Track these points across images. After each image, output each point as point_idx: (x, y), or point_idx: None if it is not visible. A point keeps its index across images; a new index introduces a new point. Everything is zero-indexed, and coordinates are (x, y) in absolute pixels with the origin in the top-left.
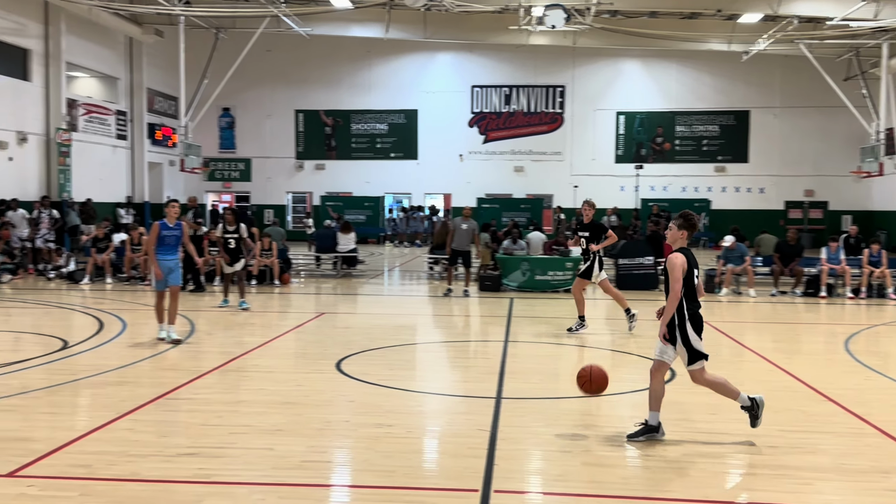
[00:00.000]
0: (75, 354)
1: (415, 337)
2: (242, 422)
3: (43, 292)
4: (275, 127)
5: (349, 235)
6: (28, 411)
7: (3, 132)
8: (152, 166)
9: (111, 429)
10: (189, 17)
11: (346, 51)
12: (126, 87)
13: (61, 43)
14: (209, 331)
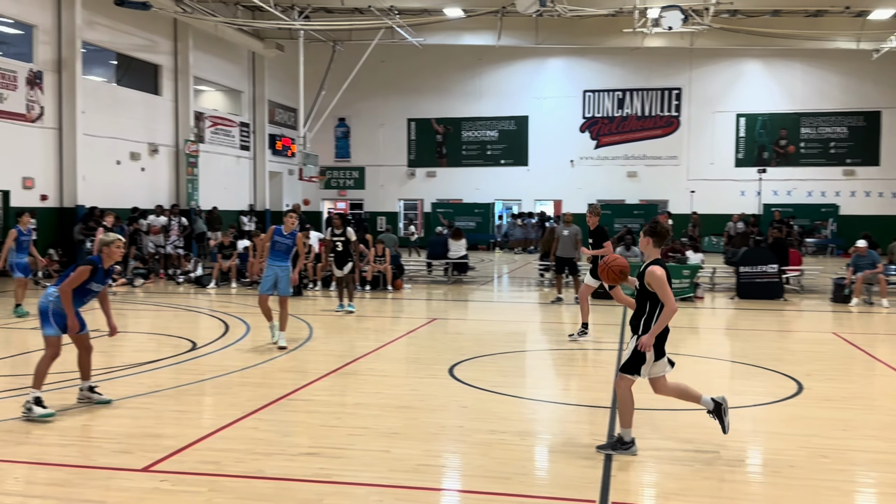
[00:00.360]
0: (202, 356)
1: (526, 344)
2: (360, 424)
3: (172, 296)
4: (388, 136)
5: (460, 242)
6: (159, 409)
7: (136, 144)
8: (272, 175)
9: (237, 427)
10: (308, 31)
11: (457, 59)
12: (249, 99)
13: (189, 58)
14: (326, 335)
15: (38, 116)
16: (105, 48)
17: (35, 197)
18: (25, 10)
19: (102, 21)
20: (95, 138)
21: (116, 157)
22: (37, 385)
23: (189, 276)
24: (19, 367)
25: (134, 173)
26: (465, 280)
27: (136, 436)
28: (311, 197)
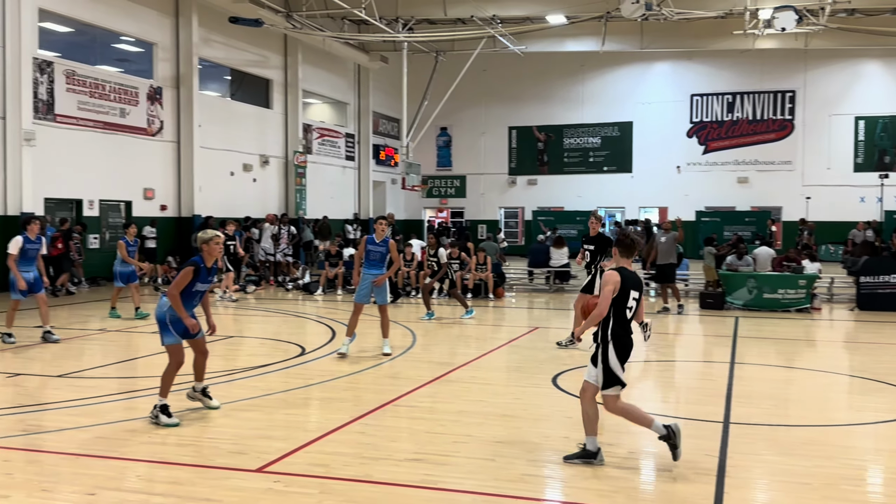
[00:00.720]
0: (310, 361)
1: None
2: (463, 431)
3: (282, 302)
4: (489, 144)
5: (562, 250)
6: (271, 412)
7: (248, 156)
8: (376, 185)
9: (344, 431)
10: (412, 42)
11: (559, 66)
12: (354, 111)
13: (298, 72)
14: (428, 342)
15: (158, 130)
16: (220, 64)
17: (155, 207)
18: (146, 29)
19: (217, 38)
20: (211, 151)
21: (230, 169)
22: (163, 393)
23: (297, 283)
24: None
25: (246, 184)
26: (566, 289)
27: (250, 437)
28: (413, 206)
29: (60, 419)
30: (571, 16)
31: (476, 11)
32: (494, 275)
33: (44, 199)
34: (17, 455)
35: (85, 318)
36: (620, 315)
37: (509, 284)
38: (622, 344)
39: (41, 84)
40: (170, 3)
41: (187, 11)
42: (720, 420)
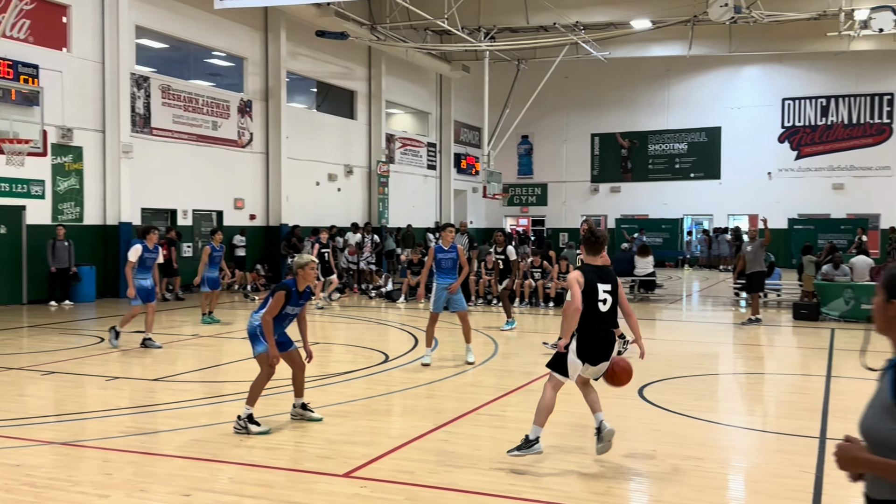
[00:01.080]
0: (393, 368)
1: (720, 366)
2: (547, 442)
3: (365, 309)
4: (571, 151)
5: (647, 259)
6: (355, 418)
7: (333, 166)
8: (457, 193)
9: (428, 439)
10: (494, 51)
11: (643, 71)
12: (436, 120)
13: (382, 84)
14: (511, 351)
15: (247, 142)
16: (306, 77)
17: (245, 216)
18: (237, 44)
19: (304, 52)
20: (297, 161)
21: (316, 179)
22: (250, 402)
23: (380, 290)
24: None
25: (331, 193)
26: (652, 298)
27: (336, 442)
28: (494, 214)
29: (157, 421)
30: (657, 20)
31: (559, 18)
32: None
33: (140, 209)
34: (116, 456)
35: (179, 324)
36: (591, 310)
37: None
38: (587, 339)
39: (138, 98)
40: (259, 19)
41: (276, 26)
42: (816, 435)
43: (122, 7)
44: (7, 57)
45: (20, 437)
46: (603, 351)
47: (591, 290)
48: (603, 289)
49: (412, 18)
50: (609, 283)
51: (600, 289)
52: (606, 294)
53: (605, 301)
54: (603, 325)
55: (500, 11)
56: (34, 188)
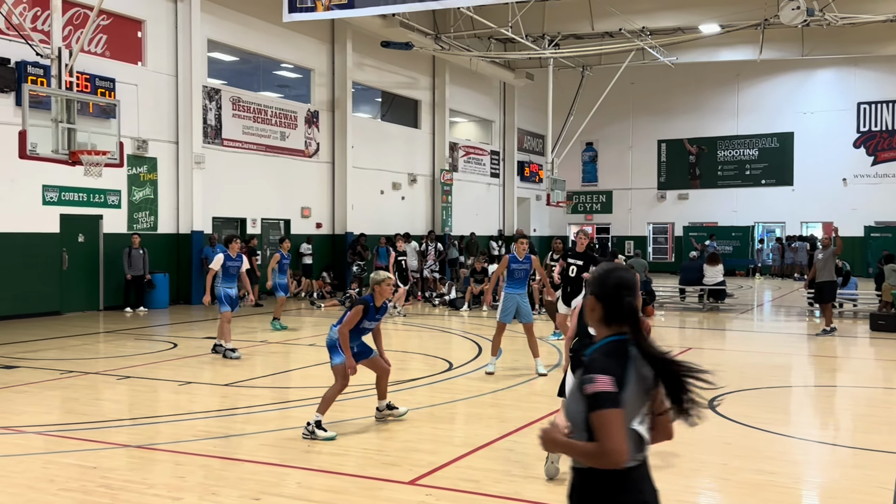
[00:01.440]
0: (457, 376)
1: (794, 378)
2: None
3: (429, 317)
4: (636, 158)
5: (717, 267)
6: (420, 425)
7: (397, 174)
8: (521, 201)
9: (493, 448)
10: (558, 58)
11: (711, 76)
12: (499, 128)
13: (446, 93)
14: None
15: (314, 152)
16: (371, 87)
17: (311, 225)
18: (305, 56)
19: (370, 62)
20: (362, 170)
21: (380, 187)
22: (321, 410)
23: (444, 298)
24: (298, 381)
25: (395, 202)
26: (721, 308)
27: (401, 450)
28: (557, 222)
29: (227, 426)
30: (726, 24)
31: (624, 24)
32: (643, 293)
33: (211, 217)
34: (188, 459)
35: (249, 330)
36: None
37: (659, 303)
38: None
39: (210, 110)
40: (326, 31)
41: (342, 38)
42: (894, 451)
43: (195, 21)
44: (85, 71)
45: (97, 439)
46: None
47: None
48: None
49: (476, 27)
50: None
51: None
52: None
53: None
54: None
55: (565, 18)
56: (111, 198)
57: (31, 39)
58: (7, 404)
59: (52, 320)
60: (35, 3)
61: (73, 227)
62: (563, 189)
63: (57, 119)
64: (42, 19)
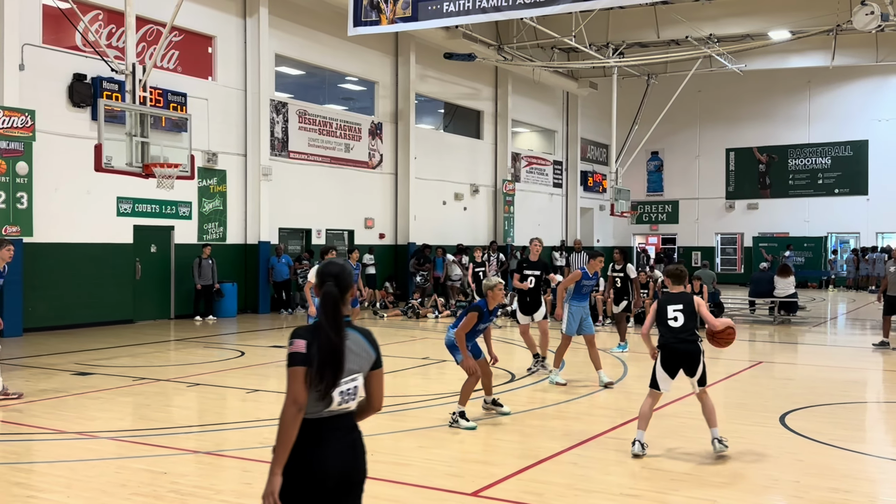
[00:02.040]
0: (520, 388)
1: (869, 394)
2: (681, 469)
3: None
4: (704, 167)
5: (788, 279)
6: (482, 437)
7: (459, 185)
8: (584, 211)
9: (556, 461)
10: (622, 67)
11: (782, 83)
12: (562, 138)
13: (508, 103)
14: (641, 373)
15: (378, 163)
16: (434, 98)
17: (374, 235)
18: (369, 69)
19: (433, 74)
20: (425, 181)
21: (442, 198)
22: (462, 402)
23: (505, 309)
24: None
25: (457, 213)
26: (793, 321)
27: (464, 461)
28: (621, 232)
29: None
30: (796, 31)
31: (691, 31)
32: (711, 304)
33: (278, 228)
34: (255, 466)
35: None
36: (663, 328)
37: (728, 315)
38: (666, 352)
39: (277, 123)
40: (390, 44)
41: (406, 50)
42: None
43: (263, 37)
44: (158, 86)
45: (167, 445)
46: (674, 364)
47: (662, 312)
48: (672, 309)
49: (539, 37)
50: (679, 304)
51: (669, 310)
52: (677, 312)
53: (674, 319)
54: (674, 340)
55: (630, 27)
56: (182, 209)
57: (106, 56)
58: (81, 410)
59: (125, 328)
60: (110, 20)
61: (146, 238)
62: (628, 199)
63: (131, 133)
64: (117, 36)
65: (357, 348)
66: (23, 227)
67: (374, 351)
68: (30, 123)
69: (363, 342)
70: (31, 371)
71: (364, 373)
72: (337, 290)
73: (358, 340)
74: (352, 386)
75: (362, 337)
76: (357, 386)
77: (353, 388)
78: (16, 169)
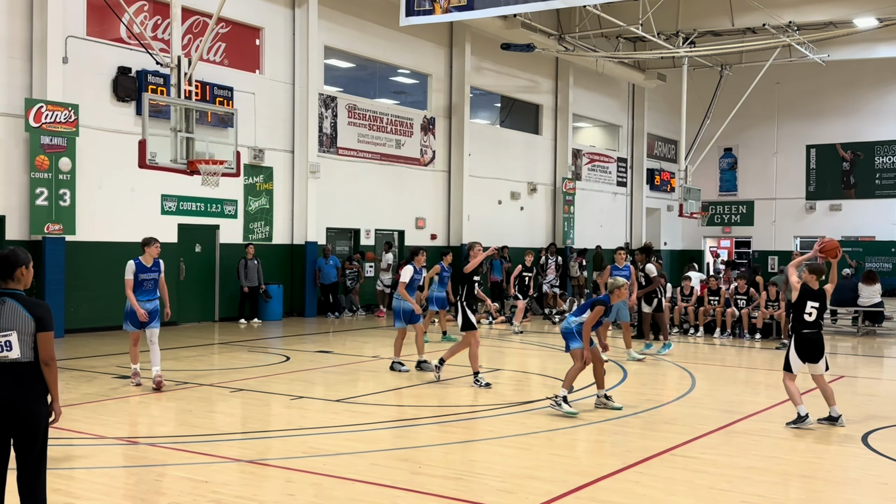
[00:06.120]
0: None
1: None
2: (754, 491)
3: (548, 336)
4: (781, 165)
5: (873, 287)
6: (538, 451)
7: (516, 183)
8: (650, 212)
9: (617, 479)
10: (693, 57)
11: (868, 75)
12: (627, 134)
13: (569, 96)
14: (709, 386)
15: (430, 160)
16: (490, 92)
17: (426, 236)
18: (422, 61)
19: (489, 66)
20: (479, 179)
21: (498, 197)
22: (566, 386)
23: (564, 315)
24: (409, 399)
25: (513, 212)
26: (878, 332)
27: (517, 476)
28: (691, 234)
29: (338, 443)
30: (884, 18)
31: (769, 19)
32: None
33: (325, 228)
34: (299, 476)
35: (360, 345)
36: (799, 317)
37: None
38: (800, 339)
39: (325, 118)
40: (445, 34)
41: (461, 41)
42: None
43: (312, 28)
44: (204, 80)
45: (209, 453)
46: (807, 351)
47: (802, 304)
48: (811, 304)
49: (604, 26)
50: (817, 300)
51: (808, 304)
52: (813, 308)
53: (810, 314)
54: (806, 329)
55: (701, 14)
56: (227, 208)
57: (151, 48)
58: (123, 415)
59: (168, 331)
60: (155, 11)
61: (191, 238)
62: (698, 199)
63: (176, 128)
64: (162, 28)
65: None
66: (65, 225)
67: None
68: (73, 118)
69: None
70: (72, 374)
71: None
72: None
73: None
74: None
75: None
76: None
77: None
78: (59, 165)
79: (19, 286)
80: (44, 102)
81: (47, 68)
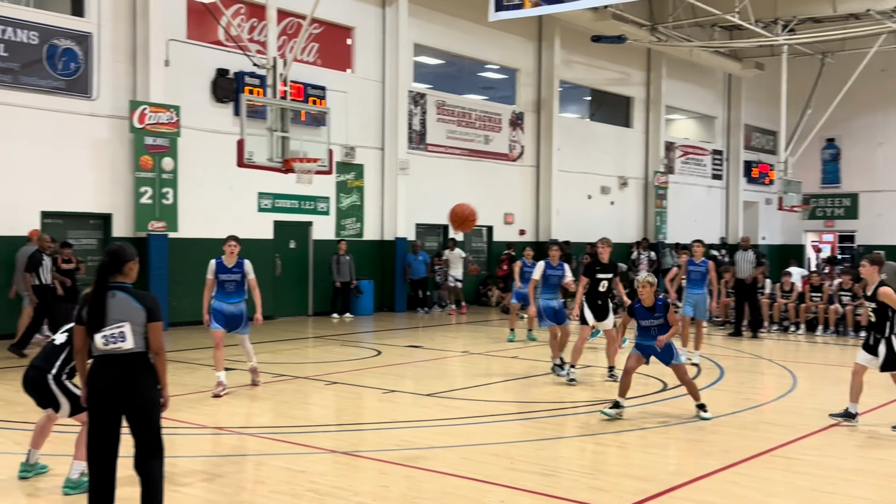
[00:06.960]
0: (672, 398)
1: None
2: (861, 494)
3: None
4: (888, 156)
5: None
6: (631, 449)
7: (606, 178)
8: (747, 205)
9: (715, 479)
10: (793, 45)
11: None
12: (723, 125)
13: (661, 88)
14: (812, 385)
15: (518, 155)
16: (579, 85)
17: (514, 231)
18: (510, 56)
19: (578, 59)
20: (568, 174)
21: (587, 192)
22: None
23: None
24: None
25: (603, 207)
26: None
27: (609, 474)
28: (791, 229)
29: (429, 437)
30: None
31: (873, 4)
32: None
33: (415, 224)
34: (392, 469)
35: (450, 340)
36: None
37: None
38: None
39: (415, 115)
40: (533, 28)
41: (550, 34)
42: None
43: (402, 26)
44: (298, 79)
45: (306, 444)
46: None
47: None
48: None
49: (698, 15)
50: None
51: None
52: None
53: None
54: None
55: (801, 0)
56: (320, 205)
57: (248, 50)
58: (223, 406)
59: (266, 325)
60: (252, 14)
61: (286, 234)
62: (799, 192)
63: (271, 128)
64: (258, 30)
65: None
66: (168, 222)
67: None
68: (175, 119)
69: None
70: (176, 365)
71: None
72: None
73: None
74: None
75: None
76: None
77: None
78: (162, 165)
79: (127, 280)
80: (147, 104)
81: (150, 71)
